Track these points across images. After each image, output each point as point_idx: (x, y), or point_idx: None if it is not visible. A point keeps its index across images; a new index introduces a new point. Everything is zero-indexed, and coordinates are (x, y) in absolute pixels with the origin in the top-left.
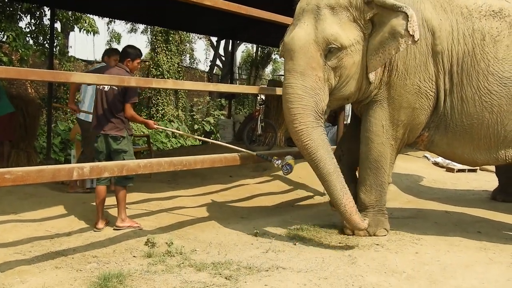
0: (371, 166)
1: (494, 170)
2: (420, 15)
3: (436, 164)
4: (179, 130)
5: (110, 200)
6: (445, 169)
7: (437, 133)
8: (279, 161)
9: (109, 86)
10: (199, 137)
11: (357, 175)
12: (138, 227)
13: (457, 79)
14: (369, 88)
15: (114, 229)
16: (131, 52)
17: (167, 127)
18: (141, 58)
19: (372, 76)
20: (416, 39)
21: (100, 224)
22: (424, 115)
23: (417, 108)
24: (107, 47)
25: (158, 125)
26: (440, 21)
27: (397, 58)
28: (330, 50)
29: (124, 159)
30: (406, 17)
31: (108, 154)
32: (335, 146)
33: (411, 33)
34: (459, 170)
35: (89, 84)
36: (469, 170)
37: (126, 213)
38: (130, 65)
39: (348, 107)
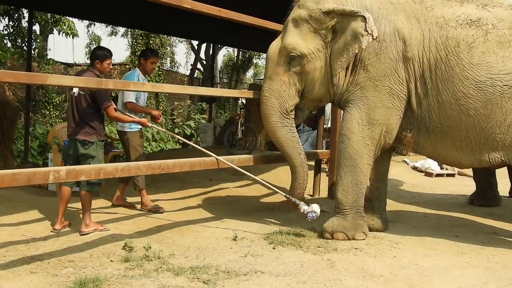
0: (347, 163)
1: (472, 175)
2: (392, 25)
3: (415, 168)
4: (159, 134)
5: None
6: (423, 174)
7: (420, 135)
8: (306, 207)
9: (77, 91)
10: (195, 145)
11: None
12: (104, 229)
13: (432, 84)
14: (337, 90)
15: (80, 235)
16: (100, 53)
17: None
18: (111, 58)
19: (335, 79)
20: (374, 37)
21: (58, 225)
22: (397, 115)
23: (390, 108)
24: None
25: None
26: (411, 30)
27: (367, 62)
28: (292, 58)
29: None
30: (364, 19)
31: (76, 158)
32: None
33: (369, 32)
34: (438, 175)
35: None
36: (447, 175)
37: (90, 218)
38: (100, 67)
39: (329, 111)
